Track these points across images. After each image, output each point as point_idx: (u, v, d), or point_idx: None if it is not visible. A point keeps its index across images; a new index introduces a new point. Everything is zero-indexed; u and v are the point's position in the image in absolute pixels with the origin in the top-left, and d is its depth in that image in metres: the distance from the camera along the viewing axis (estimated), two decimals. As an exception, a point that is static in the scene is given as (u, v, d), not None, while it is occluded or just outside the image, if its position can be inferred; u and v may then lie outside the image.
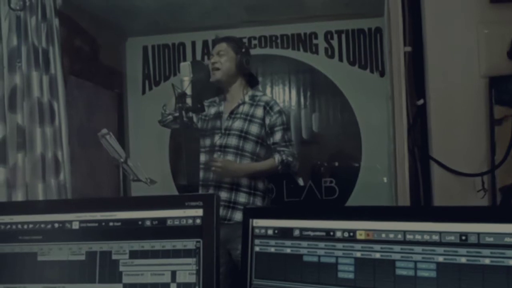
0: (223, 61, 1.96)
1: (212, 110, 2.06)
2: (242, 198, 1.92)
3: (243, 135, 1.94)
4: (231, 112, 1.99)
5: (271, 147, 1.97)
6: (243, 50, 2.01)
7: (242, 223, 0.90)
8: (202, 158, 2.04)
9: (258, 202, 1.96)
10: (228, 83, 2.01)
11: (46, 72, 1.76)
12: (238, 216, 1.89)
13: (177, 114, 1.73)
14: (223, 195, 1.92)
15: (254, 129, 1.94)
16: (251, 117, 1.95)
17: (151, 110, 2.79)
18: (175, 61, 2.93)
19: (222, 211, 1.89)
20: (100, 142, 1.87)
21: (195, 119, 2.06)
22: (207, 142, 2.03)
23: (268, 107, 1.96)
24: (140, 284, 0.85)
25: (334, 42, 2.79)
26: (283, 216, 0.86)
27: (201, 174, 2.03)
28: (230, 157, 1.93)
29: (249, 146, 1.94)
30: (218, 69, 1.95)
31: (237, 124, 1.95)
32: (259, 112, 1.96)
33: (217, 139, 1.97)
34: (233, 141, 1.94)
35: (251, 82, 2.08)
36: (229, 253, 1.90)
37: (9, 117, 1.64)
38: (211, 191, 1.95)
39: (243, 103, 1.99)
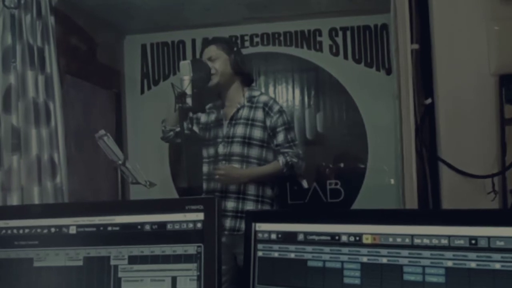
0: (217, 66, 1.92)
1: (212, 117, 2.03)
2: (249, 206, 1.88)
3: (247, 141, 1.90)
4: (231, 118, 1.95)
5: (275, 149, 1.94)
6: (235, 49, 1.97)
7: (245, 227, 0.88)
8: (205, 168, 2.01)
9: None
10: (226, 86, 1.97)
11: (42, 72, 1.74)
12: None
13: (178, 129, 1.70)
14: (230, 205, 1.88)
15: (257, 133, 1.91)
16: (252, 121, 1.92)
17: (150, 110, 2.80)
18: (174, 60, 2.91)
19: (230, 222, 1.86)
20: (97, 143, 1.85)
21: (196, 129, 2.03)
22: (211, 151, 1.99)
23: (267, 108, 1.92)
24: (139, 290, 0.83)
25: (339, 39, 2.76)
26: (287, 219, 0.85)
27: (205, 184, 1.99)
28: (235, 165, 1.90)
29: (254, 152, 1.90)
30: (213, 74, 1.92)
31: (239, 130, 1.91)
32: (259, 114, 1.92)
33: (220, 148, 1.94)
34: (237, 148, 1.90)
35: (247, 80, 2.03)
36: (235, 257, 1.87)
37: (3, 118, 1.63)
38: None
39: (242, 106, 1.95)
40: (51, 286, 0.86)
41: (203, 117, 2.05)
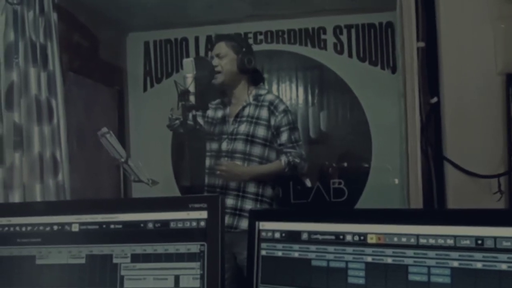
0: (223, 63, 1.91)
1: (219, 114, 2.03)
2: (248, 205, 1.88)
3: (250, 139, 1.90)
4: (236, 116, 1.95)
5: (277, 149, 1.93)
6: (244, 49, 1.95)
7: (248, 226, 0.88)
8: (208, 162, 2.01)
9: None
10: (231, 85, 1.96)
11: (44, 69, 1.74)
12: (244, 223, 1.85)
13: (186, 118, 1.70)
14: (229, 202, 1.88)
15: (261, 131, 1.90)
16: (257, 119, 1.91)
17: (152, 108, 2.80)
18: (177, 57, 2.92)
19: (228, 219, 1.86)
20: (100, 141, 1.85)
21: (200, 121, 2.03)
22: (214, 146, 2.00)
23: (272, 107, 1.91)
24: (142, 288, 0.83)
25: (343, 37, 2.76)
26: (291, 218, 0.85)
27: (207, 178, 2.00)
28: (237, 162, 1.90)
29: (256, 150, 1.90)
30: (219, 72, 1.91)
31: (243, 127, 1.91)
32: (264, 113, 1.92)
33: (224, 144, 1.94)
34: (239, 146, 1.90)
35: (255, 79, 2.02)
36: (234, 257, 1.87)
37: (5, 115, 1.63)
38: None
39: (248, 104, 1.94)
40: (53, 284, 0.86)
41: (210, 112, 2.06)
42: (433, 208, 1.41)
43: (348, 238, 0.78)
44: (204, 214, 0.83)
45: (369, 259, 0.76)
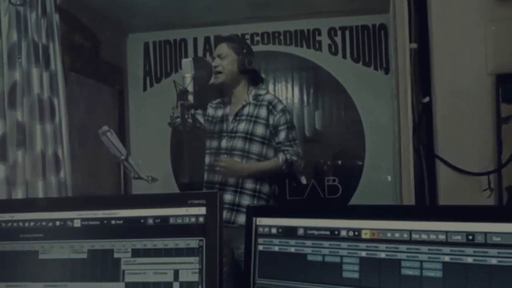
0: (224, 64, 1.95)
1: (219, 113, 2.05)
2: (246, 200, 1.91)
3: (249, 137, 1.93)
4: (236, 114, 1.98)
5: (275, 147, 1.96)
6: (245, 50, 1.99)
7: (246, 222, 0.89)
8: (207, 159, 2.04)
9: None
10: (231, 85, 2.00)
11: (46, 68, 1.75)
12: (242, 219, 1.88)
13: (185, 117, 1.73)
14: (227, 197, 1.91)
15: (259, 130, 1.94)
16: (256, 118, 1.95)
17: (152, 107, 2.82)
18: (176, 58, 2.93)
19: (225, 214, 1.88)
20: (100, 139, 1.87)
21: (201, 120, 2.06)
22: (213, 144, 2.02)
23: (271, 106, 1.95)
24: (142, 283, 0.85)
25: (338, 39, 2.78)
26: (287, 214, 0.86)
27: (206, 175, 2.03)
28: (236, 160, 1.92)
29: (255, 148, 1.93)
30: (220, 72, 1.94)
31: (242, 126, 1.94)
32: (263, 112, 1.95)
33: (223, 142, 1.97)
34: (238, 143, 1.93)
35: (255, 80, 2.06)
36: (232, 252, 1.90)
37: (9, 113, 1.64)
38: None
39: (247, 104, 1.98)
40: (56, 278, 0.87)
41: (210, 111, 2.08)
42: (425, 204, 1.42)
43: (343, 233, 0.79)
44: (202, 210, 0.84)
45: (363, 254, 0.77)
